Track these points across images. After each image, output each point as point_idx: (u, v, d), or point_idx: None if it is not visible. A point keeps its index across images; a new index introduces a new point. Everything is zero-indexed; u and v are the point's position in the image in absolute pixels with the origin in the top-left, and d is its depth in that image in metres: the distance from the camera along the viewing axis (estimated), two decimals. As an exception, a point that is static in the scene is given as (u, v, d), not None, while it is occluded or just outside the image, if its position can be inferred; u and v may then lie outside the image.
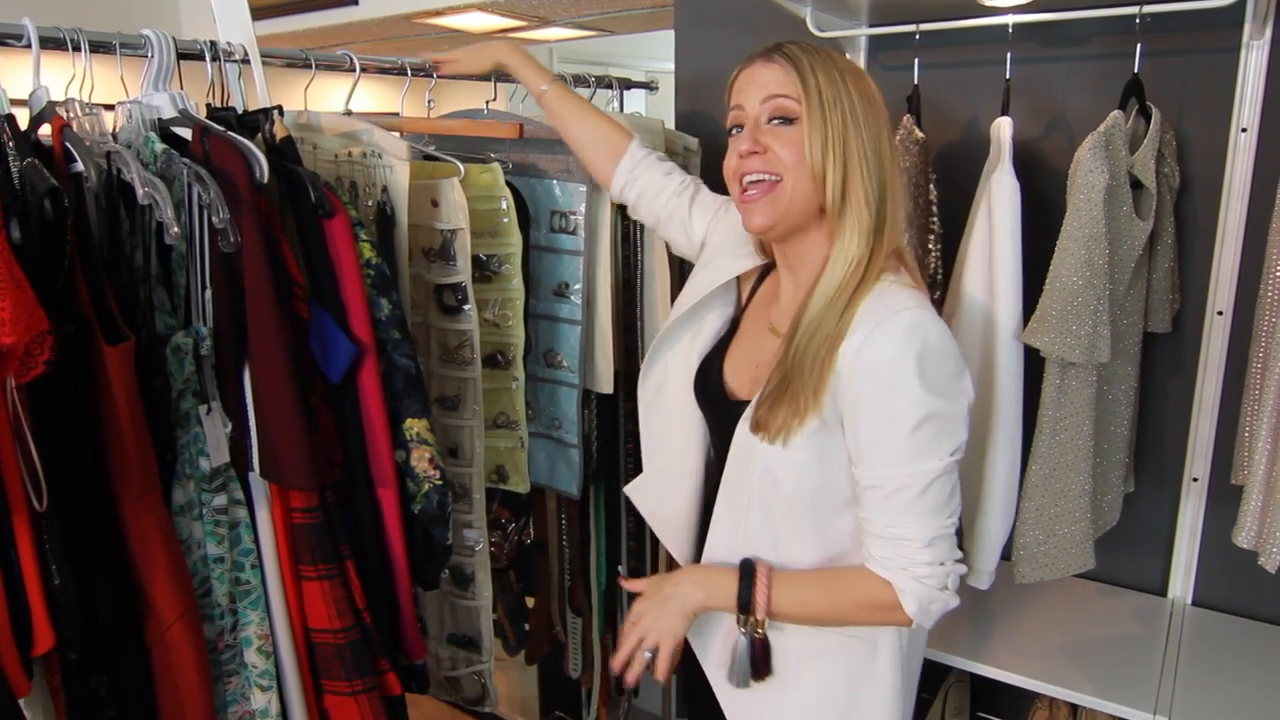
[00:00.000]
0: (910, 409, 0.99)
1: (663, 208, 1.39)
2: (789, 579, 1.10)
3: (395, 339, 1.27)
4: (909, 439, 0.99)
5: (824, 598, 1.10)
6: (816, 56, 1.05)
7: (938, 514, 1.02)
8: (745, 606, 1.10)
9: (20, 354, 0.92)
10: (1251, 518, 1.22)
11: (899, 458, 1.01)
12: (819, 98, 1.03)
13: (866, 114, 1.04)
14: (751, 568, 1.11)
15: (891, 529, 1.03)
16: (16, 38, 1.09)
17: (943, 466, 1.01)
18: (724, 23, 1.94)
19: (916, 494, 1.01)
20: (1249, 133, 1.44)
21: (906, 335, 0.98)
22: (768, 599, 1.09)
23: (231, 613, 1.18)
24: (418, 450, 1.29)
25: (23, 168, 0.99)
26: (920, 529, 1.02)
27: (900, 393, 0.99)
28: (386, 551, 1.31)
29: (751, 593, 1.09)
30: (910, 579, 1.03)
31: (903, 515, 1.02)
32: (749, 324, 1.25)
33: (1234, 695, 1.37)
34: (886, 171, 1.05)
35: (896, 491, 1.02)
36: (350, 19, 2.82)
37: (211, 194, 1.07)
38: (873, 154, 1.04)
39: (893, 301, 1.01)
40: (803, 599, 1.10)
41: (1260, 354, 1.29)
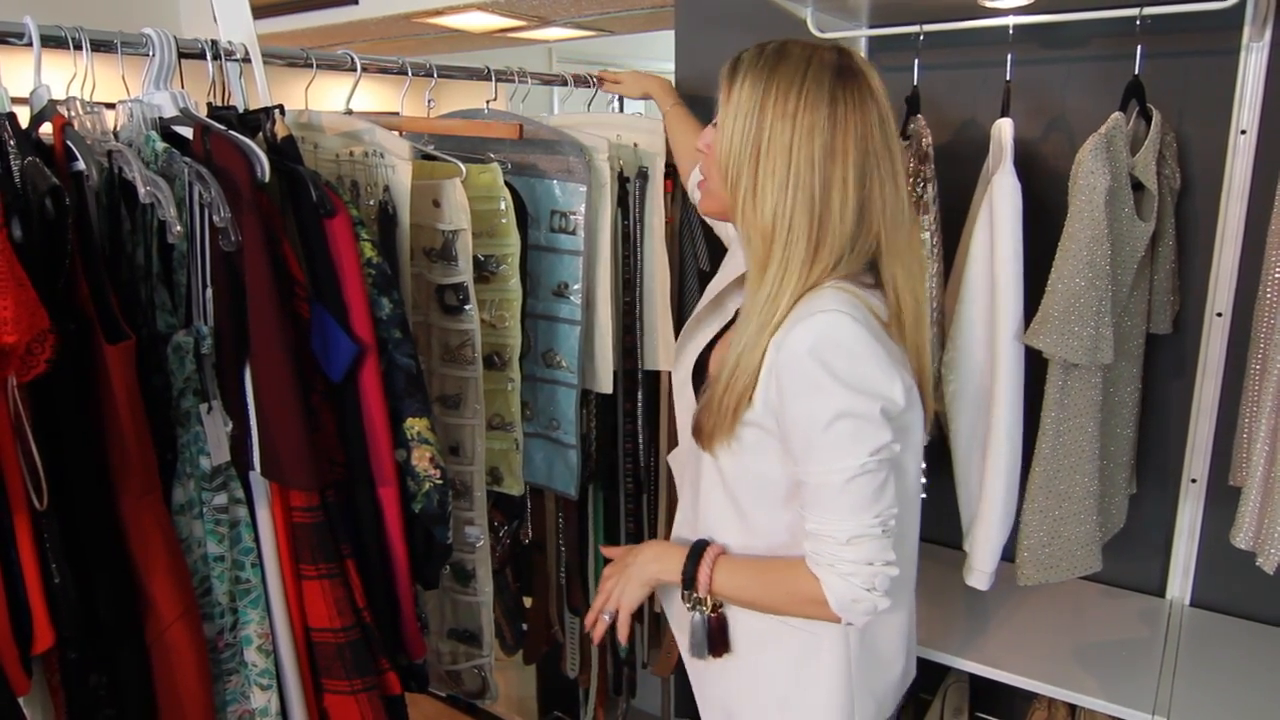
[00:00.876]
0: (823, 405, 1.02)
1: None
2: (732, 564, 1.17)
3: (396, 338, 1.27)
4: (823, 434, 1.02)
5: (759, 584, 1.15)
6: (755, 65, 1.05)
7: (859, 512, 1.04)
8: (688, 583, 1.18)
9: (21, 352, 0.92)
10: (1250, 518, 1.22)
11: (817, 454, 1.04)
12: (734, 108, 1.05)
13: (781, 129, 1.02)
14: (702, 548, 1.18)
15: (814, 524, 1.07)
16: (18, 36, 1.09)
17: (859, 466, 1.02)
18: (724, 23, 1.94)
19: (836, 491, 1.03)
20: (1248, 134, 1.44)
21: (819, 334, 1.01)
22: (709, 579, 1.16)
23: (231, 611, 1.18)
24: (418, 449, 1.30)
25: (24, 166, 0.99)
26: (840, 526, 1.04)
27: (812, 389, 1.02)
28: (387, 551, 1.31)
29: (695, 571, 1.17)
30: (834, 575, 1.06)
31: (824, 511, 1.05)
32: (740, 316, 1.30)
33: (1232, 696, 1.38)
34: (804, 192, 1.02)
35: (818, 488, 1.05)
36: (350, 18, 2.81)
37: (213, 193, 1.07)
38: (780, 173, 1.02)
39: (816, 303, 1.03)
40: (740, 583, 1.16)
41: (1259, 355, 1.29)
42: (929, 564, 1.25)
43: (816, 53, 1.05)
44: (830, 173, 1.02)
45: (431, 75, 1.61)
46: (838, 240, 1.04)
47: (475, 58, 1.90)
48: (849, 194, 1.03)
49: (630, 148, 1.71)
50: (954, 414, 1.45)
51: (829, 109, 1.02)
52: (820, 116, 1.02)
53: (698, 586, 1.17)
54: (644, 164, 1.71)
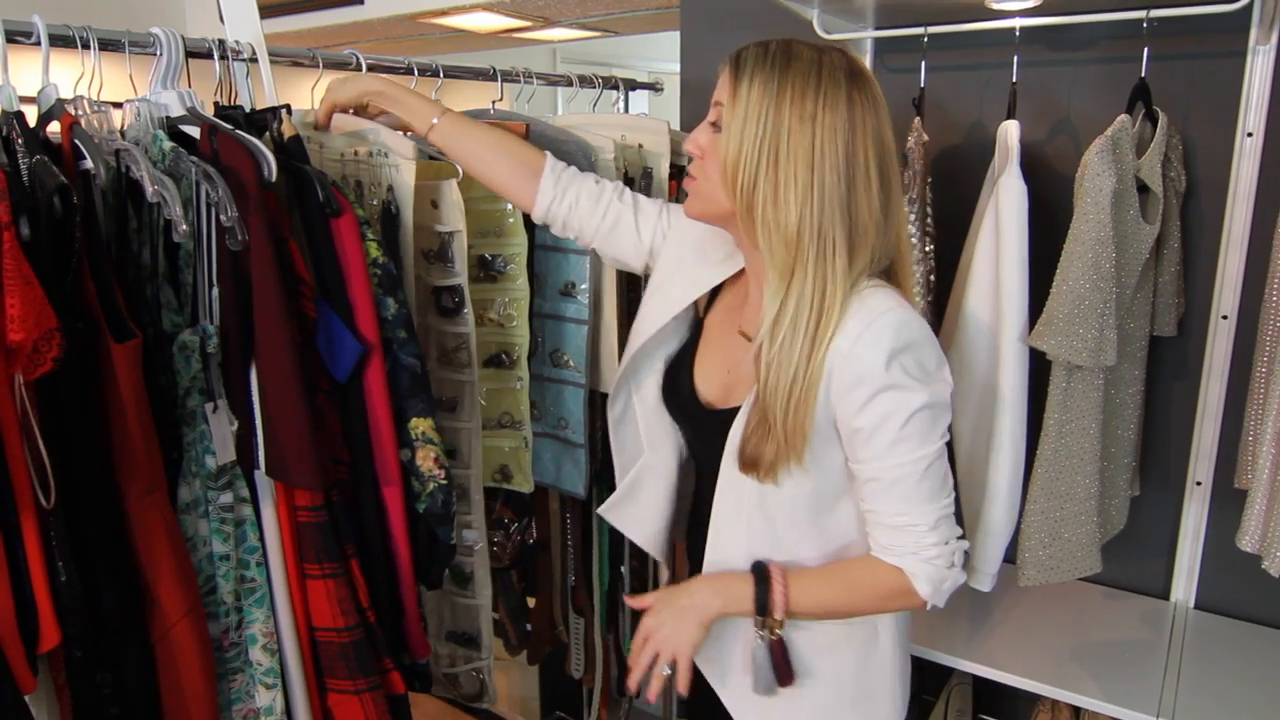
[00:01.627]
0: (903, 405, 1.01)
1: (603, 216, 1.32)
2: (803, 577, 1.12)
3: (401, 338, 1.28)
4: (903, 431, 1.02)
5: (840, 591, 1.11)
6: (763, 64, 1.02)
7: (937, 496, 1.05)
8: (763, 609, 1.10)
9: (29, 351, 0.92)
10: (1255, 521, 1.22)
11: (896, 450, 1.03)
12: (743, 109, 1.01)
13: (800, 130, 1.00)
14: (765, 570, 1.11)
15: (898, 517, 1.06)
16: (26, 35, 1.09)
17: (936, 451, 1.04)
18: (729, 24, 1.94)
19: (916, 481, 1.04)
20: (1254, 137, 1.44)
21: (894, 336, 1.00)
22: (785, 599, 1.10)
23: (236, 610, 1.18)
24: (423, 449, 1.30)
25: (32, 165, 0.99)
26: (924, 513, 1.05)
27: (892, 392, 1.01)
28: (391, 550, 1.31)
29: (769, 595, 1.10)
30: (921, 562, 1.06)
31: (906, 503, 1.05)
32: (715, 328, 1.25)
33: (1236, 699, 1.37)
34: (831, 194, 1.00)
35: (896, 481, 1.04)
36: (356, 18, 2.82)
37: (219, 192, 1.08)
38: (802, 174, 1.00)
39: (875, 304, 1.02)
40: (819, 595, 1.11)
41: (1265, 358, 1.29)
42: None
43: (824, 53, 1.03)
44: (854, 175, 1.01)
45: (437, 75, 1.61)
46: (870, 241, 1.03)
47: (480, 58, 1.91)
48: (874, 194, 1.02)
49: (635, 148, 1.71)
50: (957, 415, 1.45)
51: (847, 110, 1.01)
52: (840, 117, 1.00)
53: (773, 610, 1.10)
54: (649, 164, 1.70)
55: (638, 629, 1.16)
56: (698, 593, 1.14)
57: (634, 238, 1.32)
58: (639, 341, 1.25)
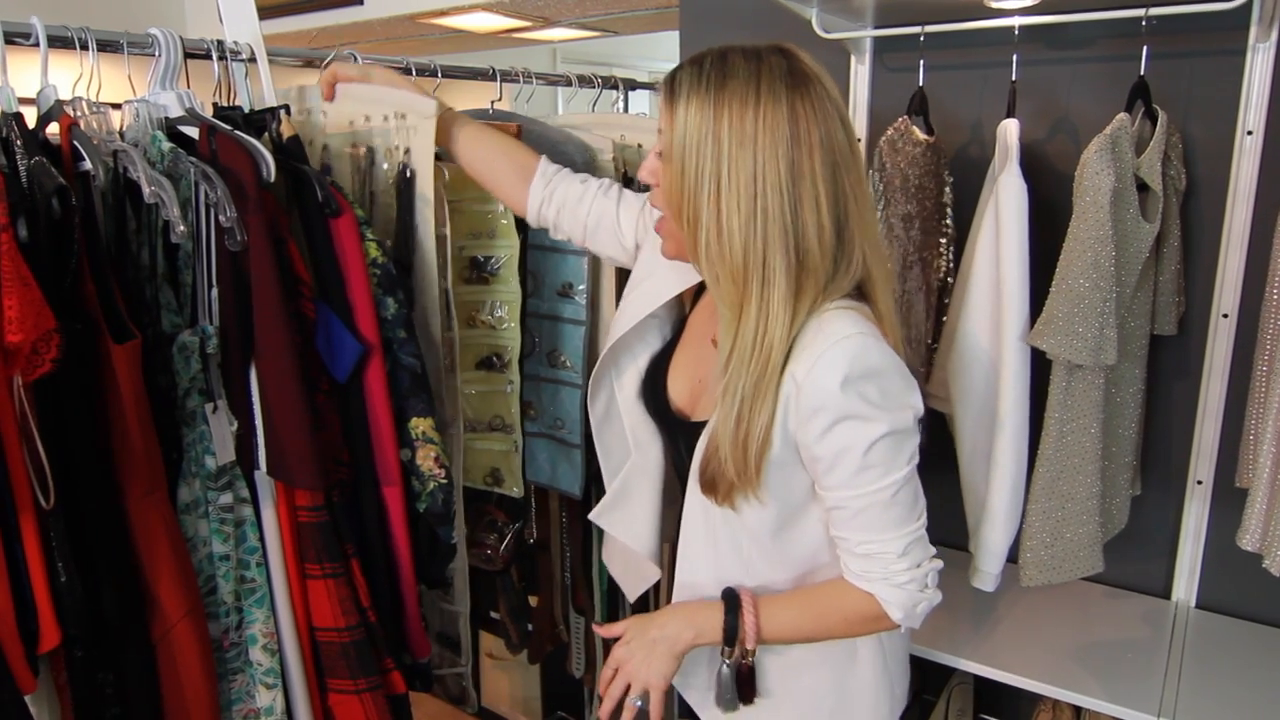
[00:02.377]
0: (863, 435, 0.97)
1: (587, 214, 1.31)
2: (774, 604, 1.09)
3: (401, 338, 1.28)
4: (865, 459, 0.98)
5: (811, 618, 1.09)
6: (698, 87, 0.94)
7: (905, 522, 1.02)
8: (732, 638, 1.08)
9: (27, 352, 0.92)
10: (1256, 520, 1.22)
11: (860, 478, 0.99)
12: (681, 140, 0.95)
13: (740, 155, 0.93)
14: (736, 599, 1.09)
15: (866, 545, 1.03)
16: (25, 36, 1.10)
17: (902, 477, 1.00)
18: (729, 24, 1.94)
19: (883, 508, 1.01)
20: (1255, 135, 1.44)
21: (850, 363, 0.95)
22: (756, 628, 1.07)
23: (237, 610, 1.19)
24: (423, 449, 1.30)
25: (30, 166, 0.99)
26: (893, 540, 1.02)
27: (851, 422, 0.97)
28: (391, 550, 1.31)
29: (739, 624, 1.08)
30: (892, 588, 1.03)
31: (873, 530, 1.02)
32: (691, 333, 1.22)
33: (1238, 698, 1.37)
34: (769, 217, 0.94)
35: (862, 510, 1.01)
36: (355, 19, 2.82)
37: (218, 192, 1.08)
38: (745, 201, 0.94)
39: (833, 329, 0.96)
40: (790, 622, 1.09)
41: (1265, 357, 1.29)
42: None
43: (763, 60, 0.95)
44: (800, 194, 0.94)
45: (436, 75, 1.61)
46: (820, 265, 0.96)
47: (480, 58, 1.91)
48: (823, 213, 0.95)
49: (635, 148, 1.71)
50: (959, 415, 1.45)
51: (789, 125, 0.93)
52: (781, 134, 0.93)
53: (744, 639, 1.08)
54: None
55: (608, 658, 1.13)
56: (669, 624, 1.11)
57: (616, 233, 1.31)
58: (614, 337, 1.22)
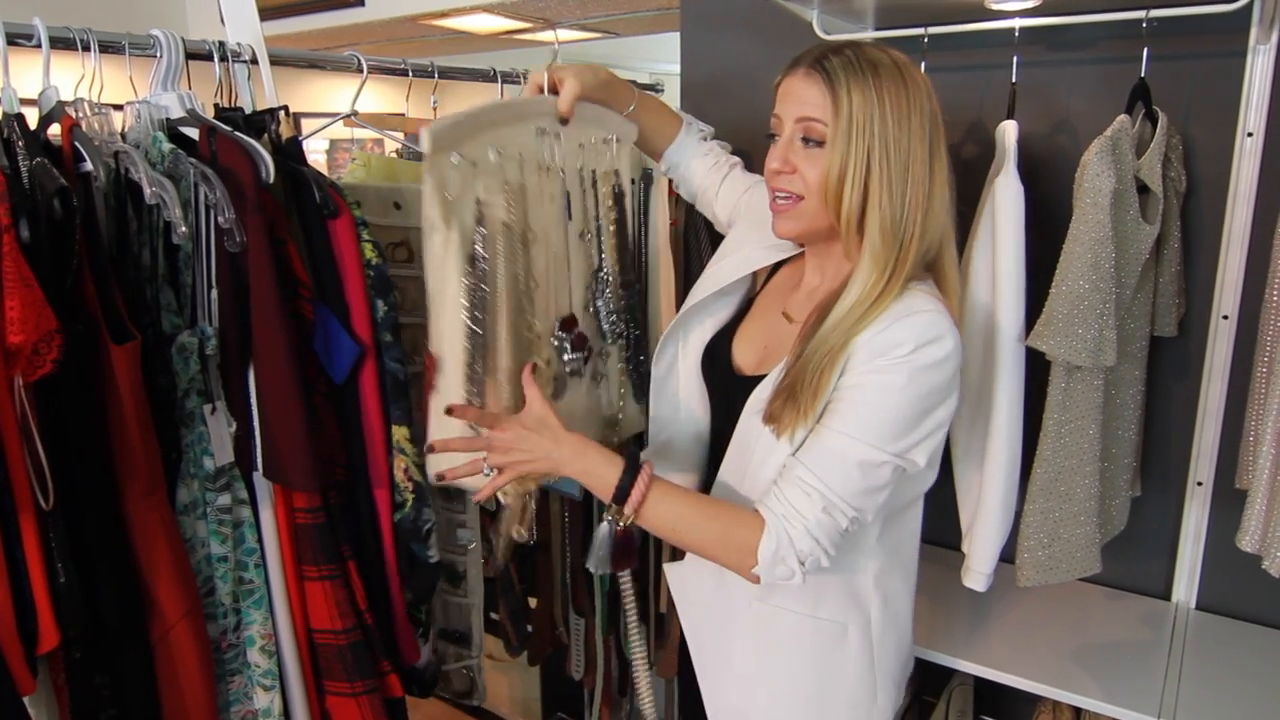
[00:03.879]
0: (889, 386, 1.01)
1: (697, 185, 1.45)
2: (670, 490, 1.09)
3: (387, 341, 1.27)
4: (871, 410, 1.02)
5: (693, 515, 1.09)
6: (855, 74, 1.03)
7: (847, 493, 1.03)
8: (620, 499, 1.07)
9: (28, 352, 0.92)
10: (1256, 521, 1.21)
11: (856, 423, 1.02)
12: (848, 125, 1.03)
13: (899, 136, 1.03)
14: (637, 467, 1.07)
15: (803, 473, 1.03)
16: (26, 38, 1.10)
17: (880, 457, 1.02)
18: (730, 25, 1.94)
19: (846, 460, 1.02)
20: (1255, 137, 1.44)
21: (922, 330, 1.02)
22: (641, 501, 1.06)
23: (235, 612, 1.19)
24: (397, 460, 1.28)
25: (32, 167, 1.00)
26: (827, 492, 1.02)
27: (891, 369, 1.01)
28: (382, 554, 1.31)
29: (628, 491, 1.06)
30: (783, 526, 1.02)
31: (822, 470, 1.02)
32: (762, 305, 1.29)
33: (1237, 699, 1.37)
34: (918, 191, 1.04)
35: (827, 449, 1.03)
36: (356, 20, 2.83)
37: (218, 194, 1.08)
38: (899, 178, 1.03)
39: (914, 304, 1.04)
40: (673, 511, 1.08)
41: (1265, 358, 1.29)
42: (931, 566, 1.24)
43: (888, 50, 1.06)
44: (935, 169, 1.05)
45: (435, 76, 1.61)
46: (936, 236, 1.07)
47: (481, 59, 1.91)
48: (946, 188, 1.06)
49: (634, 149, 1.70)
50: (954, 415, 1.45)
51: (928, 104, 1.05)
52: (921, 113, 1.04)
53: (625, 506, 1.07)
54: (648, 166, 1.70)
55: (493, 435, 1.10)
56: (562, 444, 1.09)
57: (712, 207, 1.45)
58: (693, 301, 1.29)
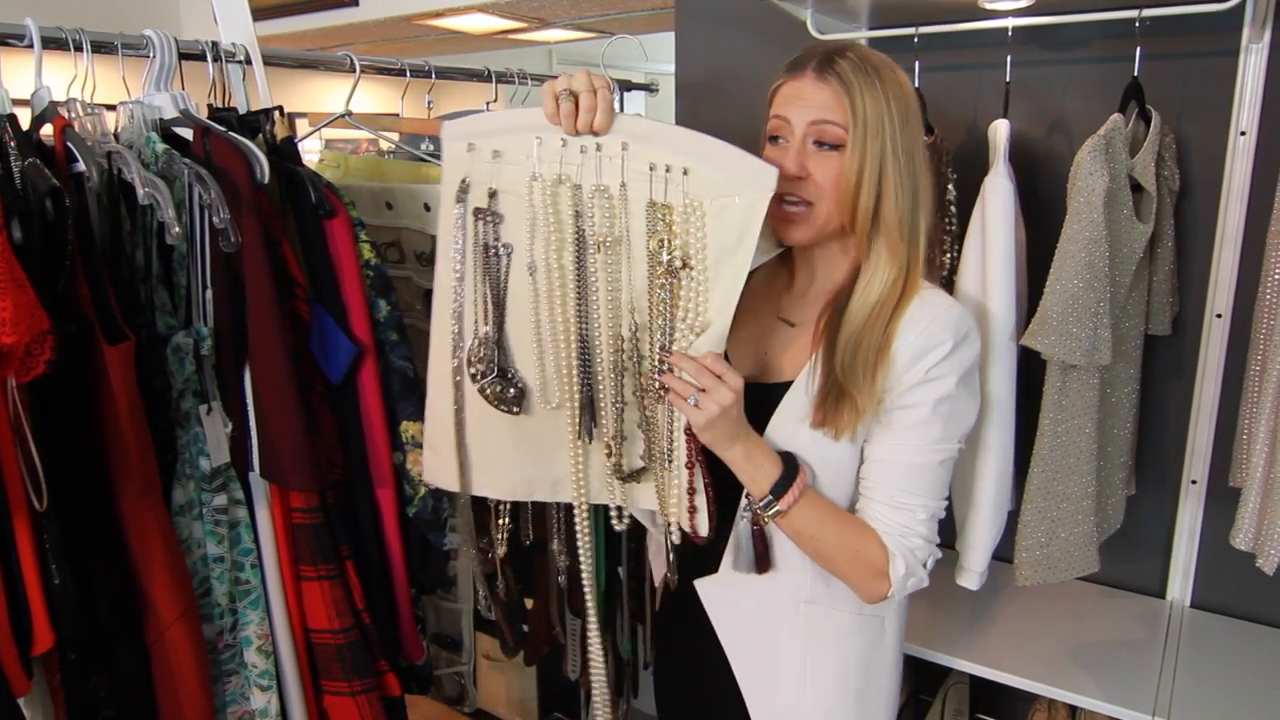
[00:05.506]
0: (940, 385, 1.07)
1: None
2: (819, 499, 1.12)
3: (393, 340, 1.28)
4: (931, 414, 1.07)
5: (834, 531, 1.11)
6: (865, 77, 1.05)
7: (938, 493, 1.11)
8: (778, 493, 1.08)
9: (21, 354, 0.92)
10: (1249, 520, 1.22)
11: (921, 432, 1.08)
12: (864, 128, 1.04)
13: (904, 135, 1.05)
14: (795, 469, 1.09)
15: (900, 497, 1.09)
16: (18, 38, 1.09)
17: (953, 450, 1.10)
18: (724, 25, 1.94)
19: (932, 470, 1.09)
20: (1248, 136, 1.44)
21: (958, 325, 1.08)
22: (792, 504, 1.08)
23: (231, 612, 1.18)
24: (413, 454, 1.29)
25: (24, 167, 0.99)
26: (925, 501, 1.09)
27: (941, 377, 1.07)
28: (385, 553, 1.31)
29: (783, 492, 1.08)
30: (905, 547, 1.09)
31: (916, 488, 1.09)
32: (747, 309, 1.23)
33: (1232, 697, 1.38)
34: (920, 186, 1.08)
35: (910, 466, 1.09)
36: (351, 20, 2.82)
37: (212, 194, 1.08)
38: (908, 175, 1.06)
39: (940, 301, 1.10)
40: (816, 521, 1.10)
41: (1259, 356, 1.29)
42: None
43: (875, 52, 1.08)
44: (919, 165, 1.08)
45: (431, 76, 1.61)
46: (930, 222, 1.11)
47: (475, 59, 1.91)
48: (932, 185, 1.11)
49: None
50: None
51: (917, 103, 1.09)
52: (916, 113, 1.08)
53: (776, 504, 1.08)
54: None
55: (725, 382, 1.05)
56: (743, 428, 1.08)
57: None
58: None
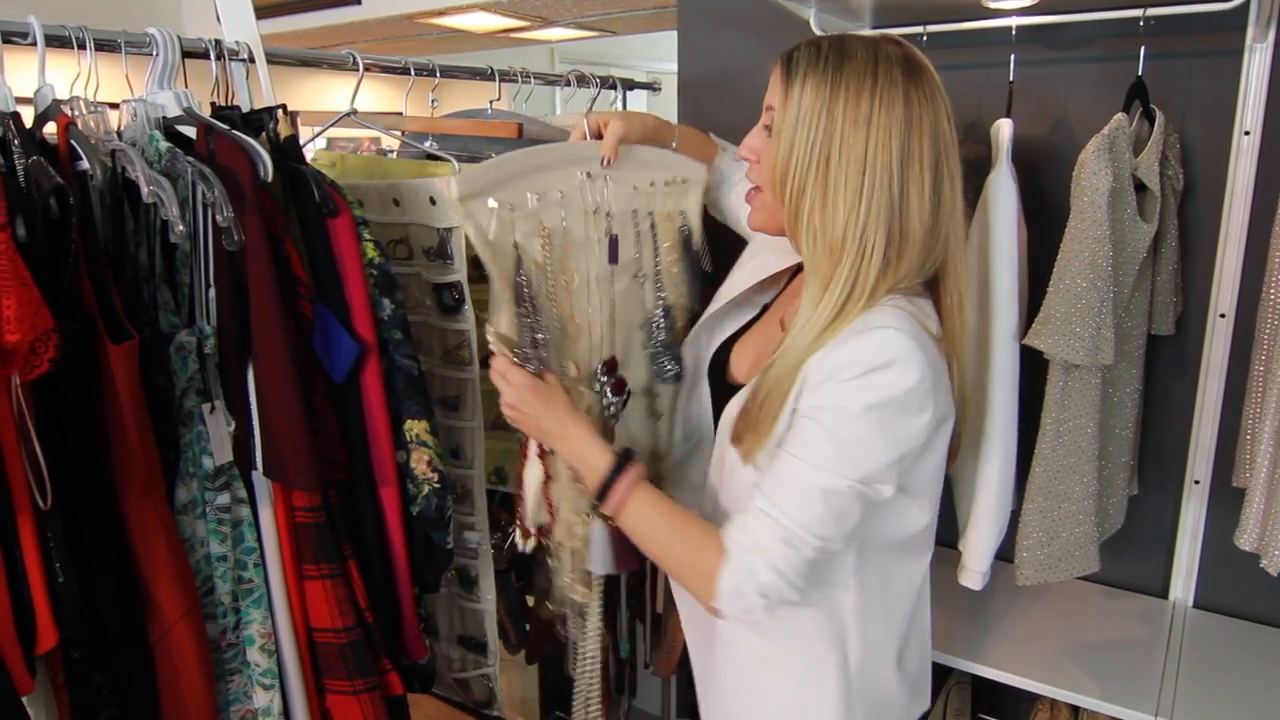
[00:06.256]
0: (845, 411, 0.96)
1: (733, 205, 1.44)
2: (653, 498, 1.10)
3: (397, 339, 1.27)
4: (824, 432, 0.97)
5: (669, 534, 1.08)
6: (815, 66, 0.98)
7: (809, 523, 0.98)
8: (601, 494, 1.11)
9: (25, 352, 0.92)
10: (1253, 520, 1.22)
11: (807, 445, 0.98)
12: (795, 115, 0.98)
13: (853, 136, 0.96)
14: (623, 469, 1.10)
15: (764, 504, 1.00)
16: (22, 35, 1.09)
17: (843, 487, 0.97)
18: (727, 23, 1.94)
19: (808, 489, 0.98)
20: (1252, 135, 1.44)
21: (879, 349, 0.96)
22: (621, 503, 1.09)
23: (234, 611, 1.18)
24: (417, 452, 1.29)
25: (28, 166, 0.99)
26: (789, 522, 0.98)
27: (845, 393, 0.96)
28: (388, 551, 1.31)
29: (610, 490, 1.10)
30: (745, 559, 1.00)
31: (781, 498, 0.99)
32: (769, 314, 1.27)
33: (1235, 697, 1.38)
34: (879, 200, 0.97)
35: (785, 476, 0.99)
36: (353, 18, 2.83)
37: (215, 192, 1.07)
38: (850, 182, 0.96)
39: (872, 319, 0.97)
40: (652, 521, 1.09)
41: (1262, 356, 1.29)
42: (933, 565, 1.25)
43: (880, 46, 0.99)
44: (908, 178, 0.97)
45: (435, 75, 1.61)
46: (916, 250, 0.99)
47: (478, 58, 1.91)
48: (925, 198, 0.98)
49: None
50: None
51: (904, 109, 0.96)
52: (896, 118, 0.96)
53: (604, 504, 1.11)
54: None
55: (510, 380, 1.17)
56: (557, 422, 1.15)
57: (738, 220, 1.41)
58: (710, 311, 1.30)
